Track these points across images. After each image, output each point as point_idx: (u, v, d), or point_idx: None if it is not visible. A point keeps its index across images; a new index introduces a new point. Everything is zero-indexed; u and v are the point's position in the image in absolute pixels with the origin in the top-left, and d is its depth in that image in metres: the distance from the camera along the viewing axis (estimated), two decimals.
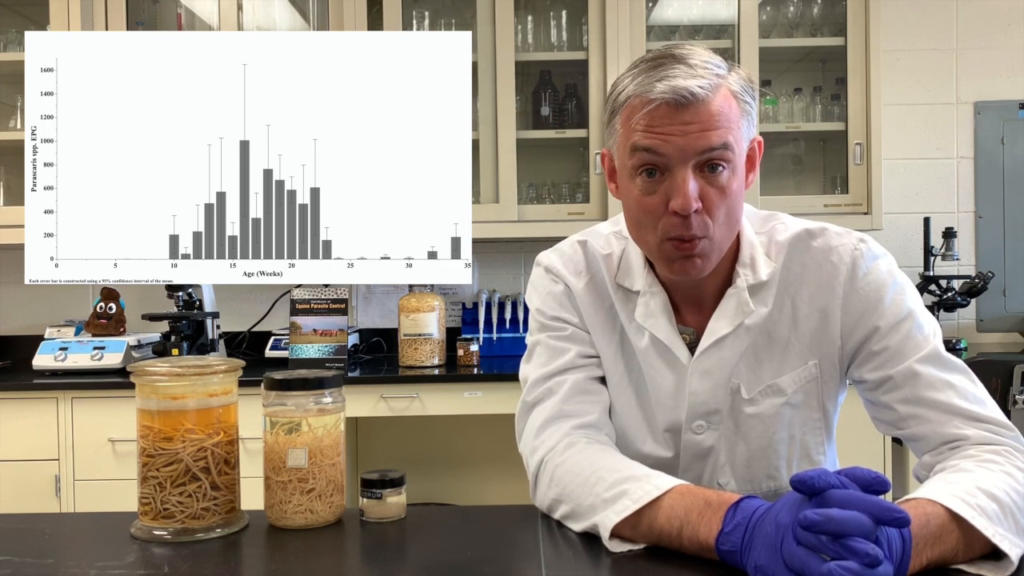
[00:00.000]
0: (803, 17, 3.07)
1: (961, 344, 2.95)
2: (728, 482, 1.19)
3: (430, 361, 2.79)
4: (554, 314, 1.22)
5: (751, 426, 1.17)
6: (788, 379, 1.16)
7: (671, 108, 1.03)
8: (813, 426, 1.19)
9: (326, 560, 0.97)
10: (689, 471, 1.20)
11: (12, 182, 3.08)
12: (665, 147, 1.03)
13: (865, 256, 1.13)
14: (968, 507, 0.89)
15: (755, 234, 1.18)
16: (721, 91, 1.04)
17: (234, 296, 3.17)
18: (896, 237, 3.21)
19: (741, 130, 1.07)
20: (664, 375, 1.18)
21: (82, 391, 2.58)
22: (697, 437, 1.18)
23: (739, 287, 1.14)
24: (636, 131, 1.05)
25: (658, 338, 1.17)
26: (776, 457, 1.18)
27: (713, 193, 1.05)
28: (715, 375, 1.16)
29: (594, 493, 1.01)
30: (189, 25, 3.06)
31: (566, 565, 0.95)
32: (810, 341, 1.15)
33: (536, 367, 1.22)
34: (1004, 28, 3.25)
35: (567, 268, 1.23)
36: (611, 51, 2.88)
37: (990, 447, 1.02)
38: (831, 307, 1.13)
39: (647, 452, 1.20)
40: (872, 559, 0.76)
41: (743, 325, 1.14)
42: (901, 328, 1.10)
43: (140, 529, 1.04)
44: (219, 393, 1.06)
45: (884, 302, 1.11)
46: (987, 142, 3.25)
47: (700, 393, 1.16)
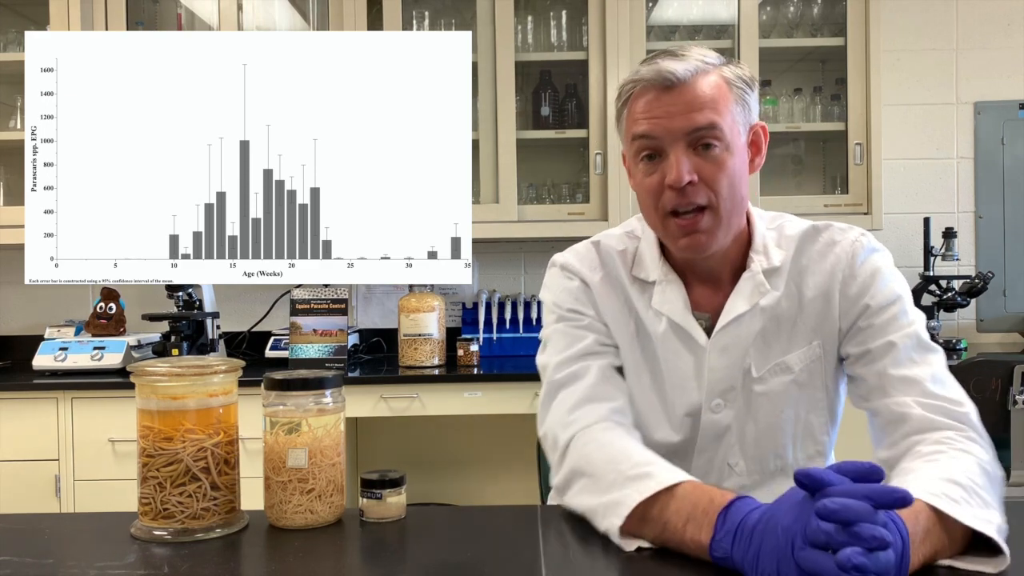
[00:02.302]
0: (803, 17, 3.07)
1: (961, 344, 2.94)
2: (738, 462, 1.24)
3: (430, 361, 2.79)
4: (570, 307, 1.27)
5: (760, 404, 1.23)
6: (795, 357, 1.22)
7: (659, 91, 1.14)
8: (817, 406, 1.25)
9: (326, 560, 0.97)
10: (704, 452, 1.24)
11: (12, 182, 3.08)
12: (656, 130, 1.14)
13: (865, 247, 1.23)
14: (937, 498, 0.90)
15: (767, 229, 1.26)
16: (710, 76, 1.15)
17: (234, 296, 3.17)
18: (896, 237, 3.21)
19: (734, 114, 1.16)
20: (683, 357, 1.23)
21: (82, 391, 2.58)
22: (715, 416, 1.23)
23: (754, 271, 1.22)
24: (634, 121, 1.16)
25: (676, 322, 1.23)
26: (783, 435, 1.24)
27: (709, 168, 1.14)
28: (732, 352, 1.22)
29: (618, 470, 1.03)
30: (189, 25, 3.06)
31: (566, 565, 0.95)
32: (814, 323, 1.22)
33: (555, 352, 1.25)
34: (1004, 28, 3.25)
35: (582, 265, 1.29)
36: (611, 51, 2.88)
37: (933, 439, 1.06)
38: (832, 291, 1.22)
39: (659, 440, 1.23)
40: (880, 542, 0.77)
41: (758, 306, 1.21)
42: (889, 310, 1.19)
43: (140, 529, 1.04)
44: (219, 393, 1.06)
45: (876, 285, 1.20)
46: (987, 142, 3.25)
47: (718, 369, 1.22)
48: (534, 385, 2.61)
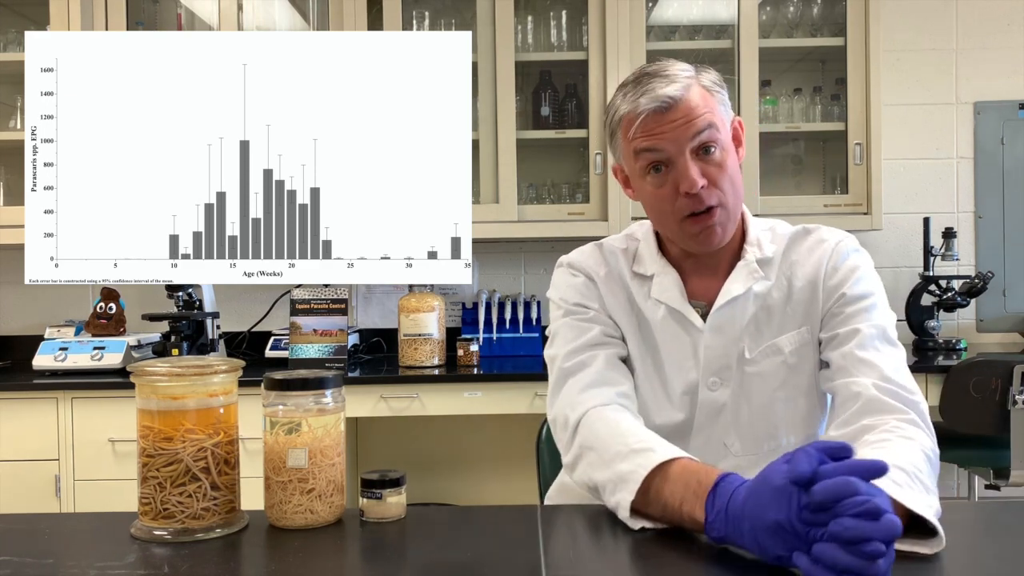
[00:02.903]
0: (803, 17, 3.07)
1: (961, 344, 2.94)
2: (733, 443, 1.30)
3: (430, 361, 2.79)
4: (576, 301, 1.35)
5: (753, 384, 1.30)
6: (785, 339, 1.30)
7: (658, 114, 1.23)
8: (808, 391, 1.31)
9: (326, 560, 0.97)
10: (703, 431, 1.31)
11: (12, 182, 3.08)
12: (662, 143, 1.23)
13: (849, 247, 1.32)
14: (882, 482, 0.92)
15: (760, 230, 1.36)
16: (694, 88, 1.25)
17: (234, 296, 3.17)
18: (896, 237, 3.21)
19: (718, 114, 1.26)
20: (681, 339, 1.31)
21: (82, 391, 2.58)
22: (712, 394, 1.30)
23: (748, 259, 1.31)
24: (635, 139, 1.25)
25: (673, 307, 1.31)
26: (775, 417, 1.30)
27: (713, 170, 1.24)
28: (727, 332, 1.29)
29: (624, 442, 1.11)
30: (189, 25, 3.06)
31: (566, 565, 0.95)
32: (803, 311, 1.31)
33: (563, 343, 1.32)
34: (1004, 28, 3.25)
35: (587, 262, 1.37)
36: (611, 51, 2.88)
37: (882, 427, 1.13)
38: (817, 281, 1.30)
39: (661, 422, 1.30)
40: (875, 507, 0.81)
41: (751, 291, 1.30)
42: (861, 302, 1.27)
43: (140, 529, 1.04)
44: (219, 393, 1.06)
45: (853, 278, 1.29)
46: (987, 142, 3.25)
47: (714, 347, 1.29)
48: (534, 385, 2.61)
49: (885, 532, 0.80)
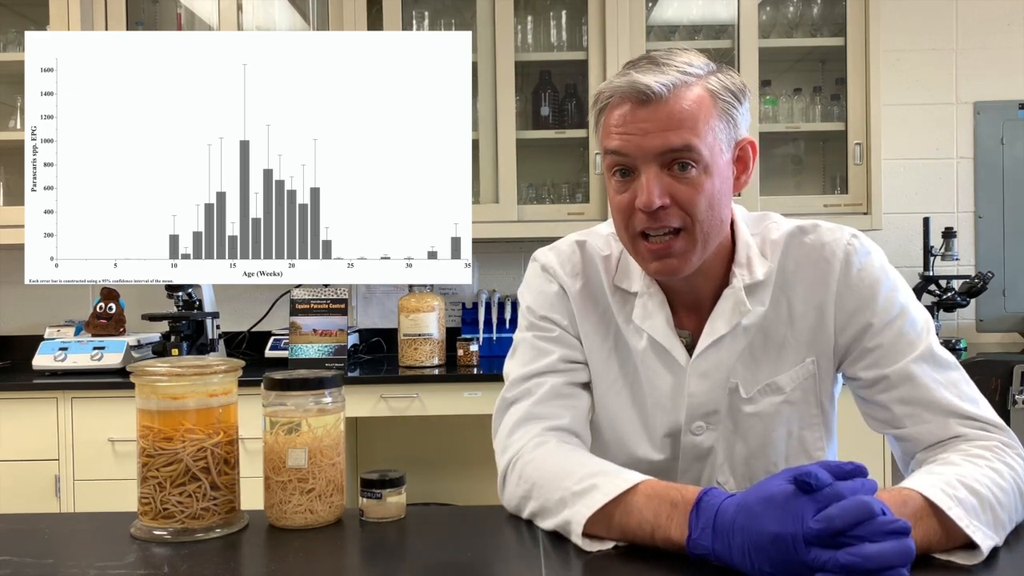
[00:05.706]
0: (803, 17, 3.07)
1: (961, 344, 2.94)
2: (727, 480, 1.19)
3: (430, 361, 2.79)
4: (544, 313, 1.22)
5: (750, 425, 1.17)
6: (786, 377, 1.16)
7: (633, 105, 1.05)
8: (811, 422, 1.19)
9: (326, 560, 0.97)
10: (688, 472, 1.20)
11: (12, 182, 3.08)
12: (627, 147, 1.06)
13: (858, 251, 1.14)
14: (946, 497, 0.90)
15: (751, 236, 1.18)
16: (691, 90, 1.05)
17: (234, 296, 3.17)
18: (896, 237, 3.21)
19: (716, 131, 1.06)
20: (662, 377, 1.18)
21: (82, 391, 2.58)
22: (696, 438, 1.18)
23: (735, 287, 1.14)
24: (607, 134, 1.09)
25: (656, 340, 1.17)
26: (775, 454, 1.19)
27: (685, 190, 1.06)
28: (713, 376, 1.16)
29: (563, 487, 1.00)
30: (189, 25, 3.05)
31: (566, 565, 0.95)
32: (807, 339, 1.16)
33: (518, 365, 1.21)
34: (1004, 28, 3.25)
35: (563, 269, 1.23)
36: (611, 51, 2.88)
37: (980, 443, 1.03)
38: (826, 303, 1.14)
39: (642, 456, 1.19)
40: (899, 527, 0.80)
41: (740, 325, 1.14)
42: (894, 325, 1.11)
43: (140, 529, 1.04)
44: (219, 393, 1.06)
45: (877, 299, 1.12)
46: (987, 142, 3.25)
47: (699, 394, 1.16)
48: None
49: (906, 556, 0.79)
